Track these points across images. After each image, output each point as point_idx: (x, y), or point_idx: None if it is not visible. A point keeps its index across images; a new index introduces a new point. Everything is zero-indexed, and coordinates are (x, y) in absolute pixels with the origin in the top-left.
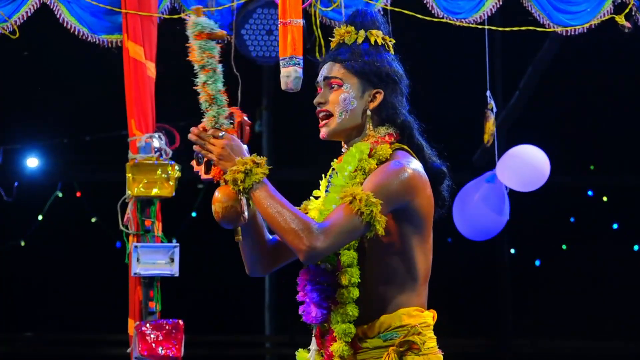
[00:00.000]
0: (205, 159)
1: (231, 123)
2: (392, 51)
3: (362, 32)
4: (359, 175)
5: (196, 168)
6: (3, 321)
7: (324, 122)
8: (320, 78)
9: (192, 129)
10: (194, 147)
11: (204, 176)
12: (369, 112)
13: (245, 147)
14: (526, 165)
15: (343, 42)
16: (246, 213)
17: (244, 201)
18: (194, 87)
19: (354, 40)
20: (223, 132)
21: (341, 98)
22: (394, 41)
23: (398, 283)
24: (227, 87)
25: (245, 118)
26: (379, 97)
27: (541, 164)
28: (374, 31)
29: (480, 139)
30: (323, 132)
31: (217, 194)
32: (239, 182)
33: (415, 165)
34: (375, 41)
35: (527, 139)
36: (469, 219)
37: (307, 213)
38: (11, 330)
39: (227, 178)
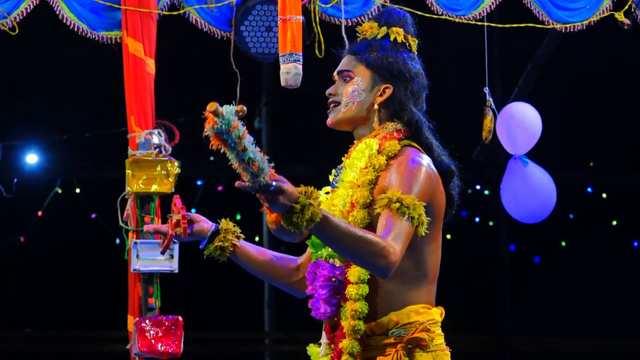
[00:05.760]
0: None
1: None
2: (414, 50)
3: (384, 28)
4: (370, 172)
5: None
6: (2, 317)
7: (331, 110)
8: (336, 71)
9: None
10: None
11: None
12: (376, 106)
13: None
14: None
15: (365, 37)
16: None
17: None
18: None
19: (375, 35)
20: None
21: (350, 90)
22: (417, 41)
23: (407, 280)
24: (226, 83)
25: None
26: (388, 92)
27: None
28: (395, 28)
29: (479, 136)
30: (328, 120)
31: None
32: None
33: (429, 161)
34: (395, 38)
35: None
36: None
37: None
38: (10, 327)
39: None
